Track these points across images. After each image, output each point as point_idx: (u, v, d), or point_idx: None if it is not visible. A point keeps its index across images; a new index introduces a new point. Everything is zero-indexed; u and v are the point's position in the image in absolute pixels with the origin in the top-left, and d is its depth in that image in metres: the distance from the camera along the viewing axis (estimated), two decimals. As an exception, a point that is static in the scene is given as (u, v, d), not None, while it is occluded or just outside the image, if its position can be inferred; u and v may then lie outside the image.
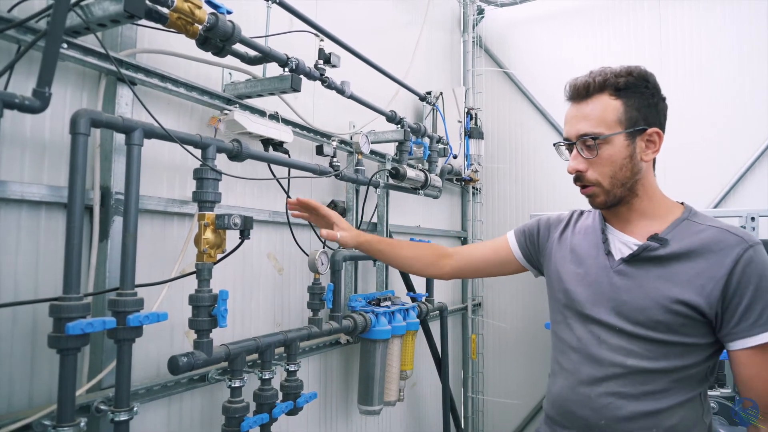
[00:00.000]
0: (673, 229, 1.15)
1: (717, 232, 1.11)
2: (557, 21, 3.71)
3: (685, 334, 1.09)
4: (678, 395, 1.11)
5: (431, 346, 2.87)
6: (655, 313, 1.10)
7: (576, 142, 1.17)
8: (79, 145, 1.08)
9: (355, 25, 2.54)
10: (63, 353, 1.05)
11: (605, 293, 1.18)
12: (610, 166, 1.14)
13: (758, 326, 1.04)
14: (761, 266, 1.06)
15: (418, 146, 2.75)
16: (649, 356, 1.11)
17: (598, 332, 1.18)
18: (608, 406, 1.14)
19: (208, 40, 1.37)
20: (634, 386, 1.12)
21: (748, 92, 3.08)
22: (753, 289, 1.04)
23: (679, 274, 1.10)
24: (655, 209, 1.19)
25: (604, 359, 1.15)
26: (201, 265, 1.38)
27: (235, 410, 1.47)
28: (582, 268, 1.24)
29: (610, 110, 1.13)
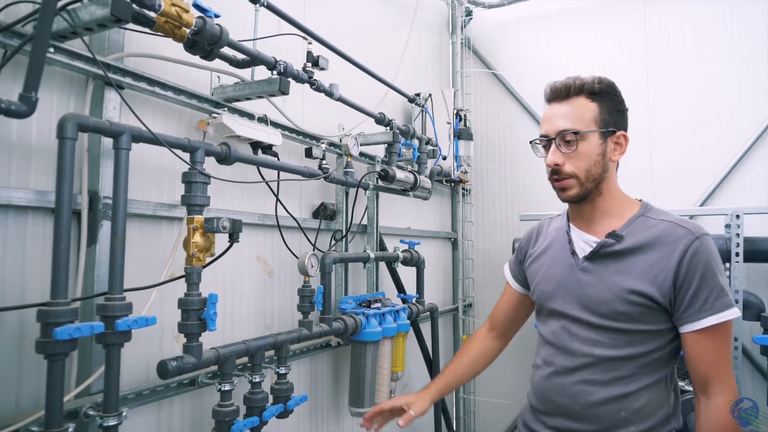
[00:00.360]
0: (629, 225, 1.25)
1: (668, 226, 1.22)
2: (545, 22, 3.73)
3: (645, 321, 1.20)
4: (643, 379, 1.21)
5: (422, 348, 2.88)
6: (616, 304, 1.21)
7: (555, 137, 1.26)
8: (66, 150, 1.08)
9: (343, 27, 2.55)
10: (51, 358, 1.04)
11: (572, 290, 1.29)
12: (585, 161, 1.24)
13: (704, 311, 1.15)
14: (706, 256, 1.17)
15: (407, 148, 2.76)
16: (614, 345, 1.22)
17: (569, 326, 1.30)
18: (581, 392, 1.24)
19: (195, 43, 1.37)
20: (603, 373, 1.23)
21: (733, 91, 3.12)
22: (699, 278, 1.15)
23: (635, 266, 1.21)
24: (615, 207, 1.29)
25: (576, 350, 1.27)
26: (190, 269, 1.38)
27: (225, 414, 1.47)
28: (553, 269, 1.36)
29: (588, 110, 1.25)
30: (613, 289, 1.22)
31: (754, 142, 3.05)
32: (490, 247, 3.84)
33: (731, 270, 2.72)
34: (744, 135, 3.08)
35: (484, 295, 3.87)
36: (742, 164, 3.10)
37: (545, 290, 1.37)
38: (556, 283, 1.33)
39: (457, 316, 3.77)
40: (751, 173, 3.08)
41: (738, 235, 2.70)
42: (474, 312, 3.88)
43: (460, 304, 3.75)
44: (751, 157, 3.08)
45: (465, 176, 3.52)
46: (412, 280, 2.75)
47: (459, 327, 3.77)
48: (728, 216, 2.76)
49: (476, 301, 3.89)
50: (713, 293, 1.15)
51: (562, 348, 1.30)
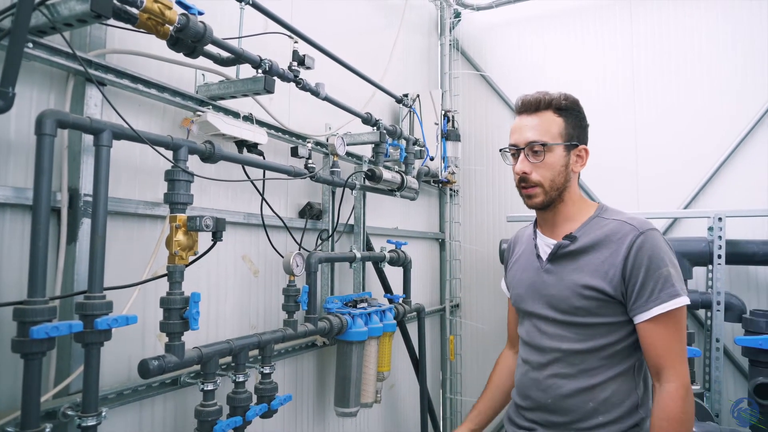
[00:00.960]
0: (584, 227, 1.35)
1: (617, 224, 1.31)
2: (533, 25, 3.76)
3: (602, 315, 1.28)
4: (609, 371, 1.29)
5: (409, 348, 2.88)
6: (574, 300, 1.30)
7: (524, 148, 1.35)
8: (45, 146, 1.06)
9: (331, 27, 2.55)
10: (27, 358, 1.03)
11: (539, 290, 1.39)
12: (550, 171, 1.34)
13: (651, 301, 1.23)
14: (651, 249, 1.25)
15: (394, 148, 2.76)
16: (579, 339, 1.30)
17: (539, 324, 1.39)
18: (552, 386, 1.33)
19: (179, 41, 1.36)
20: (571, 367, 1.31)
21: (717, 94, 3.17)
22: (645, 270, 1.24)
23: (588, 264, 1.30)
24: (575, 212, 1.39)
25: (546, 347, 1.36)
26: (172, 268, 1.37)
27: (207, 414, 1.46)
28: (524, 273, 1.46)
29: (555, 124, 1.35)
30: (570, 286, 1.31)
31: (737, 146, 3.09)
32: (478, 248, 3.86)
33: (713, 272, 2.75)
34: (727, 139, 3.12)
35: (472, 296, 3.88)
36: (724, 168, 3.14)
37: (519, 293, 1.47)
38: (526, 286, 1.43)
39: (444, 316, 3.78)
40: (733, 177, 3.12)
41: (720, 238, 2.73)
42: (461, 312, 3.89)
43: (447, 305, 3.76)
44: (733, 161, 3.12)
45: (452, 177, 3.53)
46: (399, 280, 2.75)
47: (446, 327, 3.78)
48: (711, 219, 2.79)
49: (463, 302, 3.90)
50: (659, 284, 1.23)
51: (535, 345, 1.40)
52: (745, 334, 2.53)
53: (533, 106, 1.36)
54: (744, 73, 3.11)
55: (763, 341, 2.40)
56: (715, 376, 2.67)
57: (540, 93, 1.36)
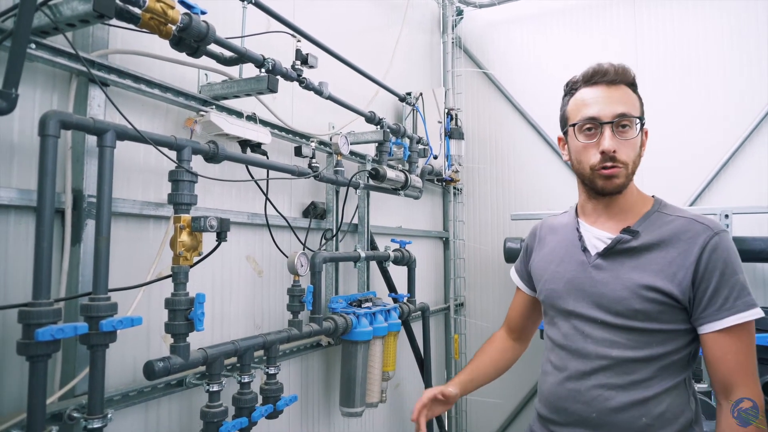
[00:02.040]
0: (644, 221, 1.21)
1: (685, 222, 1.17)
2: (535, 22, 3.74)
3: (663, 321, 1.14)
4: (664, 382, 1.15)
5: (413, 347, 2.87)
6: (632, 302, 1.15)
7: (613, 122, 1.17)
8: (49, 148, 1.06)
9: (333, 25, 2.54)
10: (33, 360, 1.02)
11: (585, 288, 1.23)
12: (634, 150, 1.20)
13: (724, 310, 1.10)
14: (726, 252, 1.12)
15: (398, 147, 2.75)
16: (632, 345, 1.16)
17: (582, 327, 1.23)
18: (597, 398, 1.18)
19: (182, 40, 1.35)
20: (620, 377, 1.16)
21: (721, 90, 3.14)
22: (718, 275, 1.11)
23: (652, 263, 1.16)
24: (630, 203, 1.25)
25: (590, 353, 1.20)
26: (177, 269, 1.36)
27: (213, 415, 1.45)
28: (562, 266, 1.30)
29: (635, 99, 1.21)
30: (630, 286, 1.16)
31: (743, 142, 3.07)
32: (482, 247, 3.84)
33: (720, 268, 2.73)
34: (732, 135, 3.10)
35: (476, 295, 3.87)
36: (730, 165, 3.12)
37: (554, 289, 1.30)
38: (566, 282, 1.27)
39: (449, 315, 3.77)
40: (740, 173, 3.10)
41: (727, 234, 2.71)
42: (466, 311, 3.88)
43: (451, 304, 3.75)
44: (739, 157, 3.10)
45: (456, 175, 3.52)
46: (404, 279, 2.75)
47: (451, 326, 3.77)
48: (717, 215, 2.78)
49: (468, 301, 3.89)
50: (734, 292, 1.10)
51: (575, 351, 1.23)
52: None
53: (614, 77, 1.20)
54: (749, 68, 3.09)
55: (771, 338, 2.38)
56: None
57: (613, 64, 1.21)
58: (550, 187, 3.56)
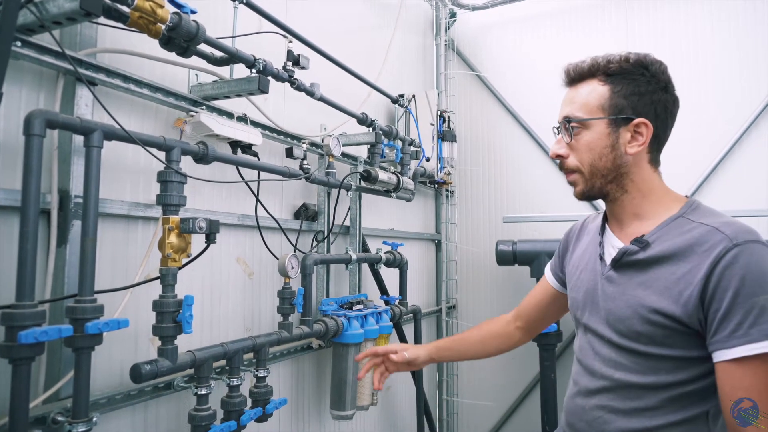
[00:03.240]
0: (660, 229, 1.06)
1: (706, 231, 0.99)
2: (528, 25, 3.75)
3: (670, 346, 1.00)
4: (673, 414, 1.01)
5: (405, 349, 2.86)
6: (635, 323, 1.03)
7: (559, 125, 1.14)
8: (33, 147, 1.04)
9: (326, 27, 2.53)
10: (15, 363, 1.00)
11: (598, 302, 1.13)
12: (588, 154, 1.09)
13: (735, 338, 0.92)
14: (745, 268, 0.93)
15: (390, 149, 2.74)
16: (637, 369, 1.04)
17: (593, 342, 1.14)
18: (598, 419, 1.10)
19: (171, 40, 1.34)
20: (623, 401, 1.06)
21: (713, 92, 3.15)
22: (732, 295, 0.93)
23: (660, 279, 1.02)
24: (649, 208, 1.11)
25: (597, 371, 1.12)
26: (165, 270, 1.34)
27: (201, 418, 1.44)
28: (584, 275, 1.20)
29: (595, 95, 1.09)
30: (633, 305, 1.04)
31: (733, 144, 3.08)
32: (474, 249, 3.84)
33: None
34: (724, 138, 3.11)
35: (468, 297, 3.87)
36: (721, 167, 3.13)
37: (575, 299, 1.22)
38: (584, 292, 1.18)
39: (441, 317, 3.76)
40: (731, 176, 3.11)
41: (717, 237, 2.72)
42: (458, 314, 3.87)
43: (443, 306, 3.75)
44: (730, 160, 3.11)
45: (448, 178, 3.52)
46: (395, 281, 2.74)
47: (442, 329, 3.76)
48: (708, 218, 2.78)
49: (460, 303, 3.89)
50: (750, 315, 0.91)
51: (586, 366, 1.16)
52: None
53: (573, 76, 1.14)
54: (741, 71, 3.10)
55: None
56: None
57: (586, 58, 1.13)
58: (543, 190, 3.55)
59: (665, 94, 1.10)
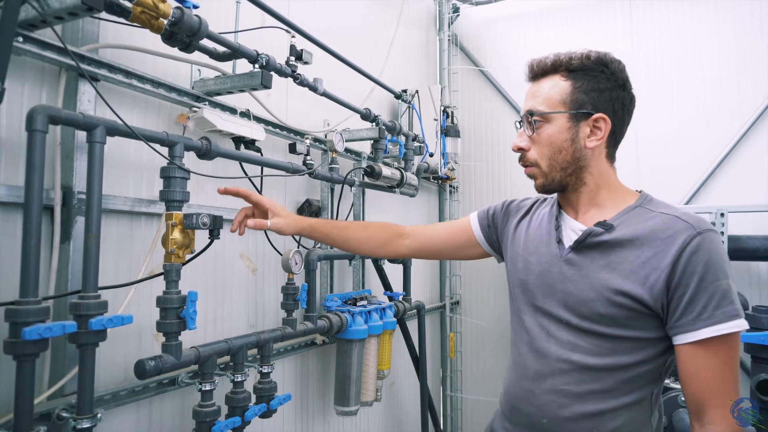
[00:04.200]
0: (622, 215, 1.10)
1: (667, 219, 1.05)
2: (532, 20, 3.73)
3: (632, 327, 1.04)
4: (625, 396, 1.06)
5: (409, 345, 2.86)
6: (598, 305, 1.06)
7: (522, 119, 1.17)
8: (36, 143, 1.04)
9: (328, 22, 2.52)
10: (20, 359, 1.00)
11: (555, 284, 1.14)
12: (548, 147, 1.13)
13: (701, 320, 0.98)
14: (708, 255, 0.99)
15: (393, 144, 2.73)
16: (595, 352, 1.06)
17: (547, 325, 1.14)
18: (551, 404, 1.10)
19: (173, 35, 1.33)
20: (578, 384, 1.08)
21: (718, 88, 3.14)
22: (697, 280, 0.98)
23: (624, 262, 1.05)
24: (606, 198, 1.15)
25: (551, 354, 1.12)
26: (169, 266, 1.34)
27: (205, 414, 1.43)
28: (535, 257, 1.20)
29: (557, 90, 1.12)
30: (597, 288, 1.06)
31: (738, 141, 3.07)
32: (478, 245, 3.83)
33: (716, 267, 2.73)
34: (728, 134, 3.10)
35: (472, 293, 3.86)
36: (726, 163, 3.12)
37: (525, 281, 1.21)
38: (537, 275, 1.18)
39: (444, 313, 3.76)
40: (735, 172, 3.10)
41: (722, 233, 2.71)
42: (461, 309, 3.87)
43: (447, 302, 3.74)
44: (735, 156, 3.10)
45: (452, 173, 3.51)
46: (399, 277, 2.73)
47: (446, 325, 3.76)
48: (713, 214, 2.77)
49: (463, 299, 3.88)
50: (714, 300, 0.97)
51: (537, 349, 1.15)
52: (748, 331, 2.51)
53: (537, 71, 1.17)
54: (745, 67, 3.09)
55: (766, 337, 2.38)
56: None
57: (548, 55, 1.16)
58: (546, 185, 3.53)
59: (623, 92, 1.14)
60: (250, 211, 1.40)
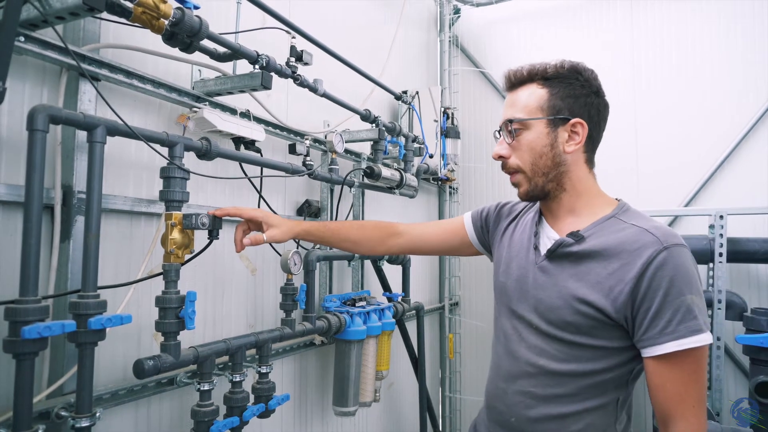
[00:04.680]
0: (596, 226, 1.12)
1: (636, 232, 1.06)
2: (533, 21, 3.74)
3: (596, 336, 1.07)
4: (588, 401, 1.08)
5: (408, 346, 2.86)
6: (565, 313, 1.09)
7: (501, 128, 1.20)
8: (37, 142, 1.04)
9: (329, 23, 2.52)
10: (19, 358, 1.00)
11: (528, 290, 1.17)
12: (530, 153, 1.16)
13: (665, 335, 0.99)
14: (674, 270, 1.00)
15: (393, 145, 2.74)
16: (559, 357, 1.10)
17: (520, 329, 1.19)
18: (519, 404, 1.15)
19: (174, 35, 1.34)
20: (543, 387, 1.12)
21: (718, 91, 3.15)
22: (662, 295, 1.00)
23: (591, 273, 1.07)
24: (584, 206, 1.17)
25: (521, 356, 1.16)
26: (168, 266, 1.34)
27: (204, 414, 1.44)
28: (515, 262, 1.24)
29: (534, 97, 1.15)
30: (564, 296, 1.09)
31: (738, 143, 3.08)
32: (477, 246, 3.84)
33: (715, 270, 2.74)
34: (728, 136, 3.11)
35: (471, 294, 3.87)
36: (725, 166, 3.13)
37: (504, 284, 1.26)
38: (515, 279, 1.22)
39: (444, 314, 3.76)
40: (734, 174, 3.10)
41: (722, 236, 2.72)
42: (460, 311, 3.87)
43: (446, 303, 3.75)
44: (734, 158, 3.11)
45: (452, 174, 3.51)
46: (398, 278, 2.74)
47: (445, 326, 3.77)
48: (712, 216, 2.78)
49: (463, 300, 3.89)
50: (678, 315, 0.99)
51: (510, 351, 1.20)
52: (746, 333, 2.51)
53: (514, 81, 1.18)
54: (745, 70, 3.09)
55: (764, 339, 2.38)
56: (716, 374, 2.65)
57: (525, 65, 1.18)
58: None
59: (597, 98, 1.17)
60: (245, 226, 1.41)
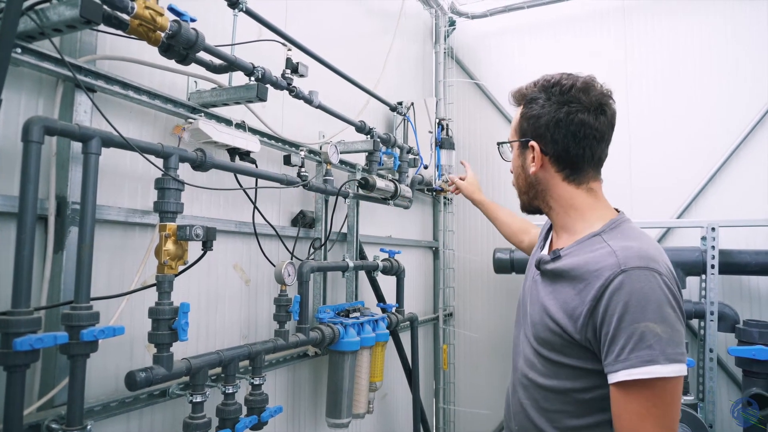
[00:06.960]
0: (578, 244, 1.09)
1: (604, 253, 1.01)
2: (527, 33, 3.77)
3: (567, 355, 1.04)
4: (576, 418, 1.05)
5: (402, 357, 2.86)
6: (540, 329, 1.10)
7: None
8: (32, 154, 1.04)
9: (325, 35, 2.54)
10: (10, 370, 1.00)
11: (526, 303, 1.21)
12: (514, 173, 1.25)
13: (618, 362, 0.93)
14: (628, 295, 0.94)
15: (388, 156, 2.75)
16: (544, 373, 1.10)
17: (520, 340, 1.22)
18: (519, 413, 1.17)
19: (171, 47, 1.35)
20: (534, 400, 1.12)
21: (711, 104, 3.18)
22: (617, 320, 0.94)
23: (562, 292, 1.06)
24: (576, 222, 1.14)
25: (519, 368, 1.20)
26: (161, 277, 1.34)
27: (196, 426, 1.43)
28: (528, 273, 1.28)
29: (515, 120, 1.21)
30: (540, 312, 1.10)
31: (729, 155, 3.10)
32: (472, 257, 3.85)
33: (707, 282, 2.75)
34: (720, 149, 3.14)
35: (465, 305, 3.86)
36: (717, 178, 3.15)
37: (520, 295, 1.29)
38: (524, 291, 1.26)
39: (438, 325, 3.76)
40: (726, 187, 3.13)
41: (713, 248, 2.74)
42: (455, 321, 3.87)
43: (440, 314, 3.74)
44: (726, 170, 3.13)
45: (446, 185, 3.52)
46: (393, 289, 2.73)
47: (439, 337, 3.76)
48: (704, 228, 2.80)
49: (457, 311, 3.88)
50: (630, 342, 0.92)
51: (514, 361, 1.24)
52: (739, 344, 2.53)
53: (516, 101, 1.22)
54: (736, 83, 3.13)
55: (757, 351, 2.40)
56: (709, 386, 2.66)
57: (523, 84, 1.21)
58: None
59: (563, 115, 1.10)
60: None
